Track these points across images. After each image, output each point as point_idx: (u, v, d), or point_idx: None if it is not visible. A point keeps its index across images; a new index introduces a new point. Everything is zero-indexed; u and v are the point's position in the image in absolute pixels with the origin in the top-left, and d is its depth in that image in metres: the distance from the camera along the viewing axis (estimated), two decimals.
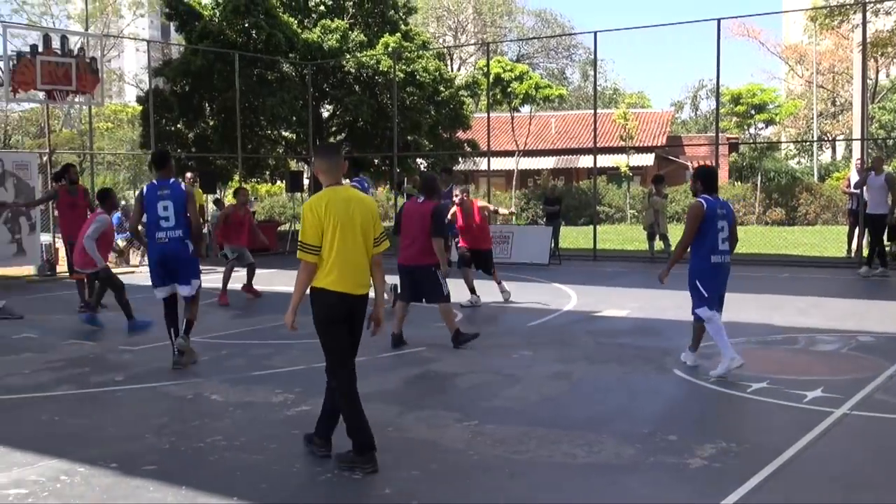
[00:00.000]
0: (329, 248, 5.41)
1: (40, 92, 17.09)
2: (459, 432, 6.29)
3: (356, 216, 5.48)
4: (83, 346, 9.93)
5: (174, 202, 8.68)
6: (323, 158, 5.63)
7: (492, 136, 23.37)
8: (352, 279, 5.47)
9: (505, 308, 12.72)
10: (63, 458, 5.74)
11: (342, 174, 5.71)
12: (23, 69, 16.37)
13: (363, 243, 5.52)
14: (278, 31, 24.07)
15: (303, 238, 5.44)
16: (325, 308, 5.46)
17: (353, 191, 5.69)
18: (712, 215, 7.98)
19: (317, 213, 5.42)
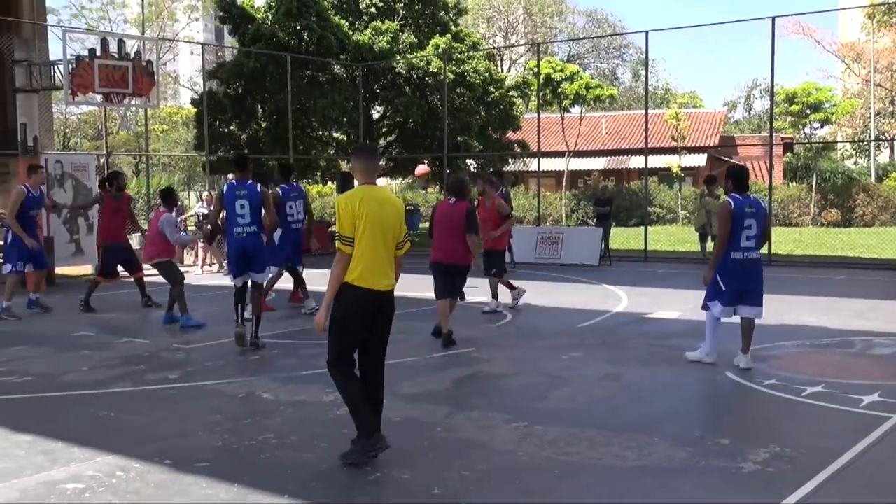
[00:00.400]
0: (358, 244, 5.52)
1: (98, 95, 17.40)
2: (509, 433, 6.27)
3: (387, 216, 5.62)
4: (138, 345, 10.10)
5: (250, 201, 9.58)
6: (361, 159, 5.77)
7: (542, 137, 23.28)
8: (377, 276, 5.56)
9: (555, 309, 12.66)
10: (119, 454, 5.84)
11: (377, 175, 5.86)
12: (81, 72, 16.68)
13: (390, 243, 5.66)
14: (330, 33, 24.25)
15: (340, 230, 5.54)
16: (349, 302, 5.54)
17: (387, 192, 5.83)
18: (740, 213, 8.18)
19: (351, 207, 5.55)
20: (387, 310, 5.66)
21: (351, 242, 5.51)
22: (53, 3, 74.60)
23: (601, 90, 37.49)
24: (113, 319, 11.99)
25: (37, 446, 6.06)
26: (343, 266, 5.53)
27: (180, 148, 45.44)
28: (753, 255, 8.29)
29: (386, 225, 5.61)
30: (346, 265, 5.52)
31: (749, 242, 8.23)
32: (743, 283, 8.27)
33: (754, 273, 8.32)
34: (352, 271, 5.52)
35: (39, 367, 8.85)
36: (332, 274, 5.56)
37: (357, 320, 5.55)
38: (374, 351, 5.71)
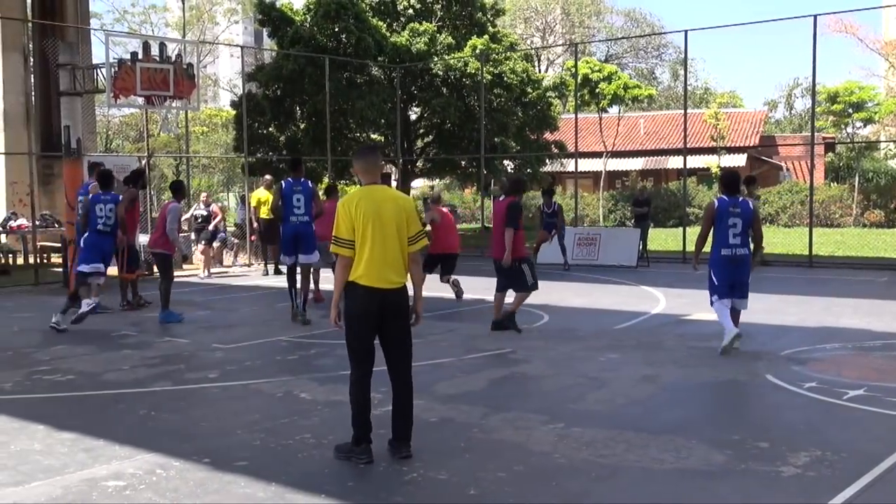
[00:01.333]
0: (360, 244, 5.59)
1: (139, 97, 17.62)
2: (545, 435, 6.25)
3: (388, 214, 5.63)
4: (177, 344, 10.21)
5: (304, 196, 11.68)
6: (360, 159, 5.87)
7: (579, 138, 23.19)
8: (381, 274, 5.58)
9: (592, 311, 12.61)
10: (159, 452, 5.91)
11: (380, 174, 5.93)
12: (123, 76, 16.91)
13: (396, 240, 5.64)
14: (367, 34, 24.35)
15: (336, 233, 5.65)
16: (354, 300, 5.62)
17: (389, 190, 5.85)
18: (723, 213, 9.03)
19: (348, 209, 5.63)
20: (395, 307, 5.66)
21: (348, 245, 5.60)
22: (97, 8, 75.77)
23: (639, 90, 37.25)
24: (153, 319, 12.13)
25: (79, 444, 6.16)
26: (343, 267, 5.63)
27: (220, 149, 45.82)
28: (741, 251, 9.06)
29: (387, 223, 5.61)
30: (345, 266, 5.62)
31: (735, 239, 9.02)
32: (733, 276, 9.05)
33: (743, 267, 9.10)
34: (356, 270, 5.60)
35: (82, 365, 8.99)
36: (335, 275, 5.72)
37: (361, 319, 5.61)
38: (392, 352, 5.74)
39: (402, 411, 5.76)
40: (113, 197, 12.07)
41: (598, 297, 13.42)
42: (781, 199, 34.15)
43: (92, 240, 11.70)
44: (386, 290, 5.61)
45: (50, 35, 21.17)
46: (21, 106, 25.91)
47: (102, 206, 11.87)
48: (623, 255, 18.73)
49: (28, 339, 10.65)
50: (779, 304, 12.86)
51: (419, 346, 9.64)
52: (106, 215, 11.83)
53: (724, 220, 9.01)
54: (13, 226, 20.72)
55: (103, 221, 11.79)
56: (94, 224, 11.77)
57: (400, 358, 5.76)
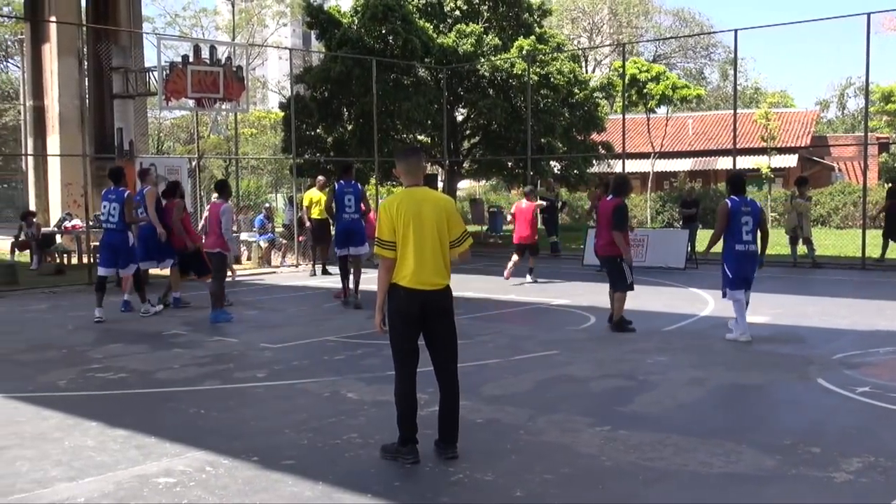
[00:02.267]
0: (402, 246, 5.61)
1: (190, 100, 17.87)
2: (592, 437, 6.21)
3: (428, 216, 5.63)
4: (227, 343, 10.32)
5: (354, 196, 13.04)
6: (403, 160, 5.84)
7: (627, 138, 23.00)
8: (422, 276, 5.60)
9: (640, 312, 12.49)
10: (208, 450, 5.99)
11: (422, 176, 5.89)
12: (175, 78, 17.17)
13: (437, 242, 5.64)
14: (414, 36, 24.41)
15: (378, 234, 5.67)
16: (395, 301, 5.65)
17: (430, 192, 5.82)
18: (736, 212, 9.76)
19: (389, 212, 5.65)
20: (438, 308, 5.67)
21: (390, 246, 5.62)
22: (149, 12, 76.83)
23: (688, 90, 36.83)
24: (204, 318, 12.28)
25: (131, 441, 6.25)
26: (386, 269, 5.66)
27: (268, 151, 46.26)
28: (752, 247, 9.82)
29: (427, 224, 5.62)
30: (388, 268, 5.65)
31: (748, 237, 9.76)
32: (744, 270, 9.81)
33: (753, 262, 9.90)
34: (398, 272, 5.63)
35: (134, 363, 9.13)
36: (378, 278, 5.73)
37: (402, 320, 5.64)
38: (438, 353, 5.75)
39: (449, 412, 5.77)
40: (119, 195, 12.10)
41: (646, 298, 13.28)
42: (833, 200, 33.57)
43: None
44: (429, 291, 5.62)
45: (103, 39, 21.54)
46: (75, 109, 26.42)
47: (107, 204, 12.11)
48: (671, 256, 18.54)
49: (82, 338, 10.85)
50: (831, 306, 12.64)
51: (465, 347, 9.65)
52: (109, 213, 12.07)
53: (737, 219, 9.74)
54: (68, 226, 21.13)
55: (105, 218, 12.15)
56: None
57: (445, 358, 5.76)
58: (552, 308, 13.05)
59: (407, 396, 5.70)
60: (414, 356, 5.72)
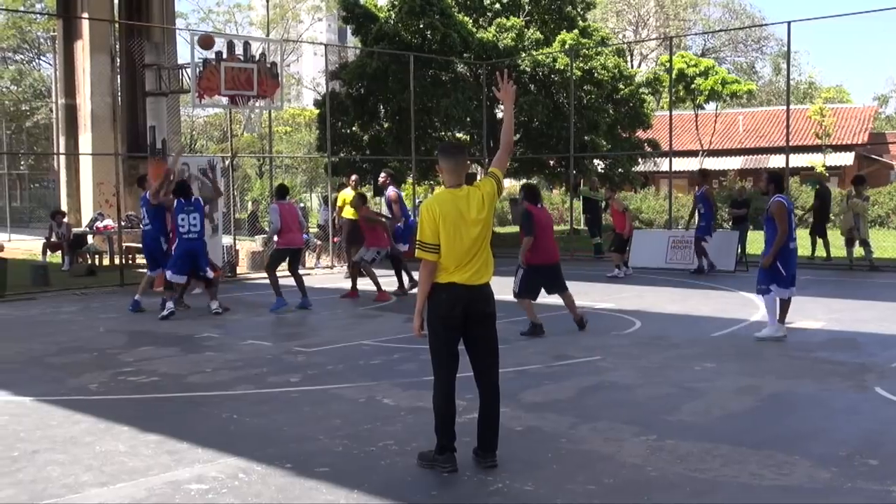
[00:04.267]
0: (445, 249, 5.58)
1: (224, 97, 18.04)
2: (637, 447, 6.18)
3: (472, 212, 5.63)
4: (259, 347, 10.41)
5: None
6: (447, 157, 5.75)
7: (674, 136, 22.82)
8: (468, 274, 5.61)
9: (687, 317, 12.40)
10: (241, 456, 6.04)
11: (465, 175, 5.81)
12: (208, 75, 17.34)
13: (481, 242, 5.66)
14: (453, 30, 24.42)
15: (420, 237, 5.62)
16: (437, 303, 5.62)
17: (470, 188, 5.75)
18: (790, 210, 10.32)
19: (431, 213, 5.60)
20: (480, 311, 5.66)
21: (432, 249, 5.59)
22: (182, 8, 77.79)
23: (738, 85, 36.54)
24: (236, 321, 12.40)
25: (163, 446, 6.33)
26: (427, 272, 5.63)
27: (303, 149, 46.60)
28: (795, 244, 10.45)
29: (471, 225, 5.62)
30: (430, 271, 5.62)
31: (794, 233, 10.42)
32: (794, 268, 10.41)
33: (796, 259, 10.55)
34: (439, 274, 5.62)
35: (166, 367, 9.24)
36: (420, 280, 5.71)
37: (443, 323, 5.62)
38: (479, 357, 5.73)
39: (489, 420, 5.74)
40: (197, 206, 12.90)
41: (694, 302, 13.18)
42: (893, 200, 33.05)
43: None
44: (470, 294, 5.61)
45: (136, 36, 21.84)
46: (108, 107, 26.82)
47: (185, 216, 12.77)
48: (720, 259, 18.36)
49: (113, 340, 11.00)
50: (889, 312, 12.45)
51: (504, 352, 9.62)
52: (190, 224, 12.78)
53: (790, 217, 10.26)
54: (99, 226, 21.45)
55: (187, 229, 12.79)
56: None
57: (488, 364, 5.74)
58: (595, 312, 12.98)
59: (445, 403, 5.69)
60: (454, 361, 5.71)
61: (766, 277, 10.30)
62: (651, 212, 34.91)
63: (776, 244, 10.19)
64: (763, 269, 10.31)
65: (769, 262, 10.25)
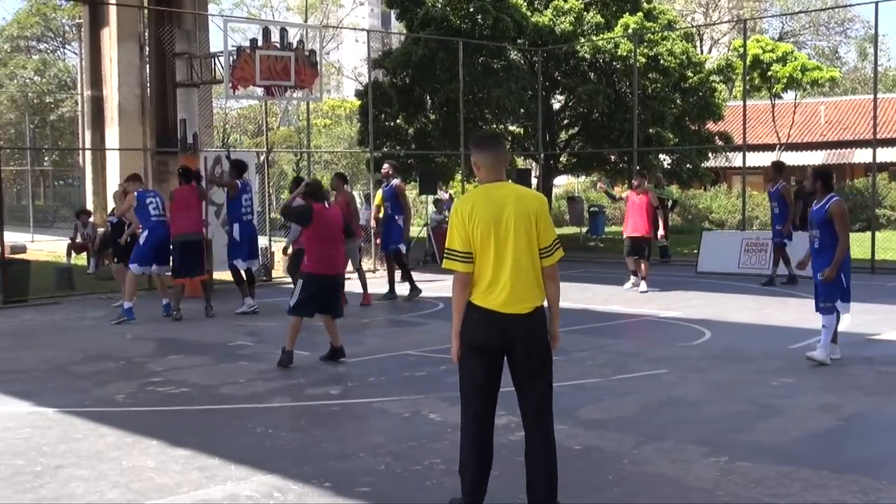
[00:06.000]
0: (480, 258, 5.04)
1: (259, 88, 18.17)
2: (707, 469, 6.12)
3: (513, 218, 5.04)
4: (296, 356, 10.45)
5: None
6: (482, 150, 5.24)
7: (748, 128, 22.57)
8: (505, 294, 5.01)
9: (763, 327, 12.26)
10: (276, 474, 6.09)
11: (504, 170, 5.31)
12: (242, 64, 17.48)
13: (526, 250, 5.05)
14: (506, 14, 24.40)
15: (449, 244, 5.11)
16: (471, 325, 5.09)
17: (515, 188, 5.23)
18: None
19: (462, 215, 5.07)
20: (527, 339, 5.06)
21: (463, 258, 5.04)
22: None
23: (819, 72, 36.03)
24: (271, 329, 12.51)
25: (193, 462, 6.41)
26: (460, 286, 5.09)
27: (343, 144, 46.87)
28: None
29: (512, 229, 5.02)
30: (463, 284, 5.07)
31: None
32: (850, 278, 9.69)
33: None
34: (475, 289, 5.08)
35: (196, 377, 9.35)
36: (453, 296, 5.18)
37: (476, 351, 5.09)
38: (525, 398, 5.15)
39: (540, 473, 5.12)
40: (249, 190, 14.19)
41: (770, 311, 13.02)
42: None
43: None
44: (511, 316, 5.03)
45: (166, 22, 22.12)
46: (136, 98, 27.22)
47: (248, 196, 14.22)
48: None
49: (141, 348, 11.16)
50: None
51: (560, 364, 9.59)
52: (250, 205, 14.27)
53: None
54: None
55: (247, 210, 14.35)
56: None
57: (539, 402, 5.14)
58: (661, 321, 12.89)
59: (472, 443, 5.10)
60: (486, 399, 5.14)
61: (832, 292, 9.47)
62: (722, 211, 34.56)
63: (840, 252, 9.41)
64: (824, 283, 9.48)
65: (833, 275, 9.39)
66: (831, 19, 56.57)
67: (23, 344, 11.59)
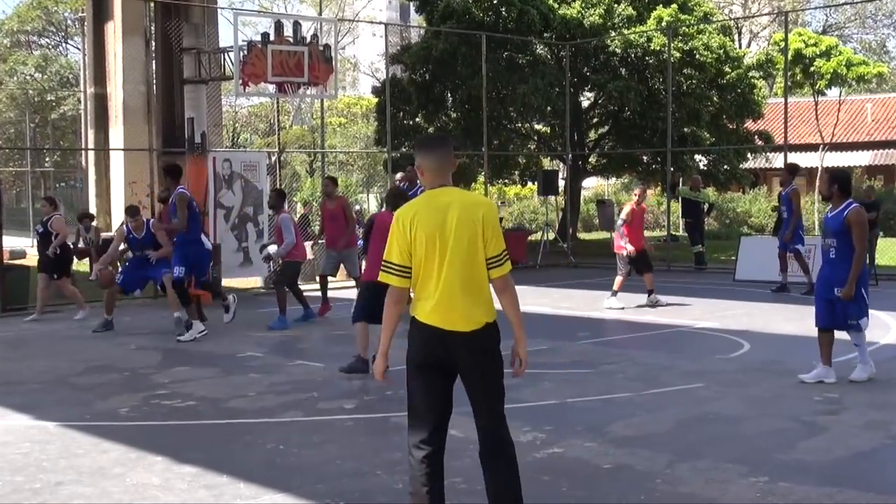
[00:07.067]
0: (424, 271, 4.89)
1: (270, 85, 18.23)
2: (745, 490, 6.10)
3: (455, 227, 4.85)
4: (309, 368, 10.51)
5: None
6: (427, 154, 5.05)
7: (790, 126, 22.48)
8: (449, 310, 4.83)
9: (805, 339, 12.17)
10: (288, 493, 6.10)
11: (450, 174, 5.09)
12: (253, 60, 17.53)
13: (470, 261, 4.86)
14: (531, 7, 24.42)
15: (386, 255, 4.97)
16: (413, 342, 4.95)
17: (459, 193, 5.05)
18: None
19: (402, 223, 4.91)
20: (466, 357, 4.89)
21: (402, 271, 4.89)
22: None
23: (866, 67, 35.78)
24: (283, 340, 12.53)
25: (200, 479, 6.43)
26: (393, 302, 4.97)
27: (359, 143, 46.96)
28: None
29: (456, 238, 4.83)
30: (396, 300, 4.95)
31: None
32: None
33: None
34: (416, 302, 4.95)
35: (204, 390, 9.39)
36: (384, 311, 5.04)
37: (421, 369, 4.95)
38: (479, 412, 5.05)
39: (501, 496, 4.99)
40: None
41: (813, 322, 12.92)
42: None
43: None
44: (455, 334, 4.84)
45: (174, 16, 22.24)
46: (141, 96, 27.31)
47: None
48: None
49: (146, 359, 11.21)
50: None
51: (588, 378, 9.61)
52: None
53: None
54: None
55: None
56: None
57: (490, 419, 5.06)
58: (695, 332, 12.84)
59: (422, 474, 4.88)
60: (434, 420, 4.97)
61: (859, 308, 9.16)
62: (762, 215, 34.42)
63: (856, 266, 9.08)
64: (857, 299, 9.10)
65: (852, 293, 9.03)
66: (879, 11, 56.26)
67: (21, 354, 11.67)
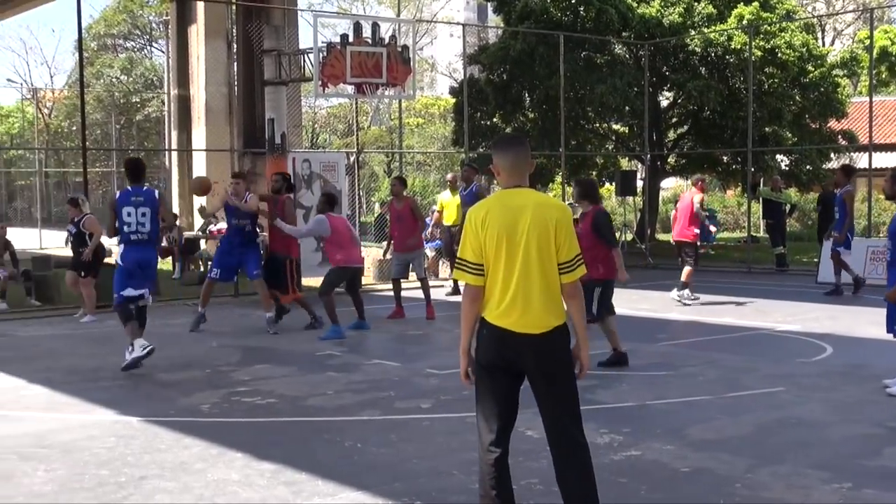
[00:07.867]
0: (492, 271, 4.87)
1: (349, 86, 18.35)
2: (828, 496, 6.00)
3: (527, 228, 4.82)
4: (386, 368, 10.56)
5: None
6: (503, 153, 5.03)
7: (875, 126, 22.00)
8: (518, 312, 4.82)
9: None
10: (366, 490, 6.14)
11: (527, 175, 5.06)
12: (332, 61, 17.67)
13: (540, 264, 4.83)
14: (610, 6, 24.26)
15: (460, 253, 4.97)
16: (482, 343, 4.95)
17: (535, 195, 5.00)
18: None
19: (474, 223, 4.89)
20: (544, 359, 4.88)
21: (476, 269, 4.88)
22: None
23: None
24: (361, 338, 12.61)
25: (280, 476, 6.50)
26: (470, 300, 4.94)
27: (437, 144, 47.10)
28: None
29: (528, 240, 4.81)
30: (473, 298, 4.92)
31: None
32: None
33: None
34: (486, 304, 4.92)
35: (283, 388, 9.49)
36: (462, 313, 5.05)
37: (489, 371, 4.94)
38: (550, 420, 5.01)
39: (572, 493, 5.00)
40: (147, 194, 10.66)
41: None
42: None
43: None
44: (524, 336, 4.83)
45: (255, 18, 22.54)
46: (223, 98, 27.74)
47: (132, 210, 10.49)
48: None
49: (227, 357, 11.38)
50: None
51: (668, 380, 9.51)
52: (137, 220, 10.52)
53: None
54: (213, 231, 22.18)
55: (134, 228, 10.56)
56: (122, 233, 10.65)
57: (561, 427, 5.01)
58: (777, 335, 12.64)
59: (491, 478, 4.94)
60: (501, 425, 4.98)
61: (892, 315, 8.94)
62: None
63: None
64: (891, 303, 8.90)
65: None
66: None
67: (108, 350, 11.89)
